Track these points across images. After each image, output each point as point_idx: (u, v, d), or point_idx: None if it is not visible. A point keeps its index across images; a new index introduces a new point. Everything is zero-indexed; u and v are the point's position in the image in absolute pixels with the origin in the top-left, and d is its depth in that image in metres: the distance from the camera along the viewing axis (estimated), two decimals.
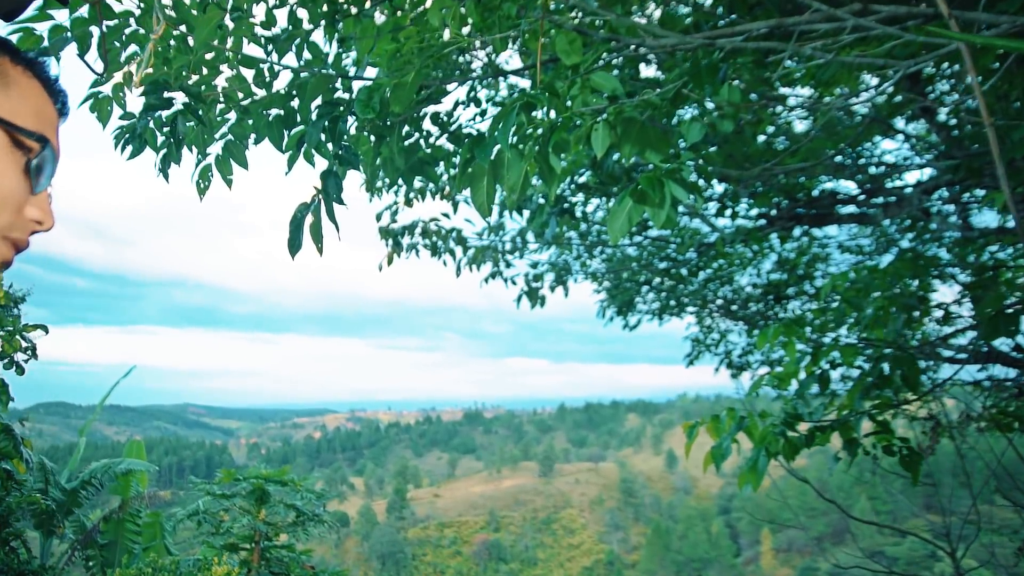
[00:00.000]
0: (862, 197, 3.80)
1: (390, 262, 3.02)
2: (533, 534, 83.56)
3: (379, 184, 2.65)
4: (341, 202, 1.34)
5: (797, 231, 3.76)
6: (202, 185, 1.46)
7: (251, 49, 1.55)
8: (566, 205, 3.11)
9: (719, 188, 3.99)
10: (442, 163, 1.95)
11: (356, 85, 1.55)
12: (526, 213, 3.52)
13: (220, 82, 1.53)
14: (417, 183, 3.20)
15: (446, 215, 3.13)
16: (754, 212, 3.55)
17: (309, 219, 1.34)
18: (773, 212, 3.37)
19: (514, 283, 3.77)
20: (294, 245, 1.30)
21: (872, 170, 4.03)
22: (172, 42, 1.47)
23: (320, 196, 1.33)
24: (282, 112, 1.50)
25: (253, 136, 1.50)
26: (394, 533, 78.49)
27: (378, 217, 3.01)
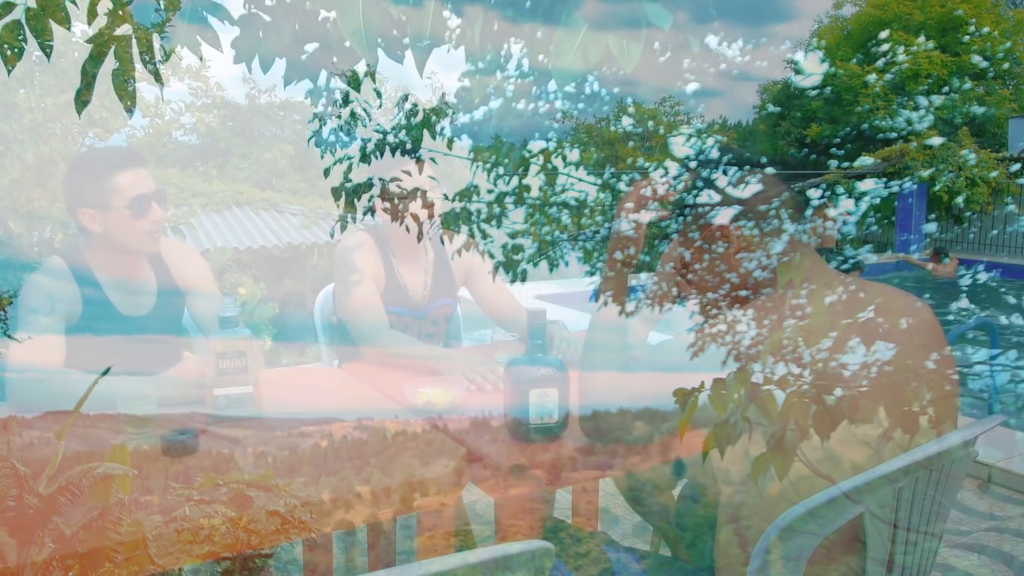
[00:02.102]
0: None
1: (343, 228, 2.64)
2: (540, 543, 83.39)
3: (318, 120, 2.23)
4: (161, 32, 0.89)
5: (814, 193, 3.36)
6: (7, 52, 1.03)
7: None
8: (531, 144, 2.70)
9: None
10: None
11: None
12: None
13: None
14: (377, 144, 2.79)
15: (407, 172, 2.73)
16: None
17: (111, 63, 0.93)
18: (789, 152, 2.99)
19: (491, 255, 3.36)
20: (80, 98, 0.90)
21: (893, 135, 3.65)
22: None
23: (130, 27, 0.88)
24: None
25: None
26: (400, 541, 78.40)
27: (326, 173, 2.62)
